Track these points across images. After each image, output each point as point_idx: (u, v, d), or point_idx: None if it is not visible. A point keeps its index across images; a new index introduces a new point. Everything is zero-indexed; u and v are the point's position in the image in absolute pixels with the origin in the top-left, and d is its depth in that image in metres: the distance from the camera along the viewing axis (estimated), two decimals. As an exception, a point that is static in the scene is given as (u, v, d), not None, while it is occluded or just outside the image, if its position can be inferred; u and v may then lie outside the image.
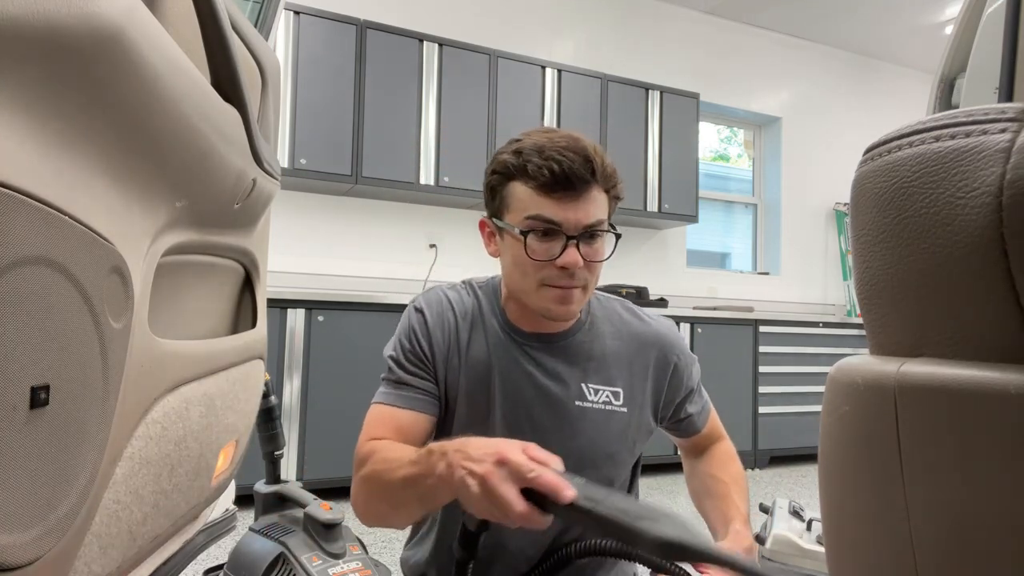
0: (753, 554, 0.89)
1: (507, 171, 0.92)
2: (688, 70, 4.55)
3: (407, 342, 0.99)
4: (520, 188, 0.91)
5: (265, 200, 1.06)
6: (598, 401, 1.01)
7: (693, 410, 1.10)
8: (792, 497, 2.46)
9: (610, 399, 1.01)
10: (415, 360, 0.98)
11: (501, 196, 0.94)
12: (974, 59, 1.31)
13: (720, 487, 1.04)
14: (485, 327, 1.01)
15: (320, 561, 1.27)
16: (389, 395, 0.97)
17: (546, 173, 0.88)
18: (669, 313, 3.63)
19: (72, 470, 0.57)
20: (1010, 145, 0.35)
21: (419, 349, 0.98)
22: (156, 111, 0.63)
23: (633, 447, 1.04)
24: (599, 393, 1.01)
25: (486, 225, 0.99)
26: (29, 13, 0.45)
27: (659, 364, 1.06)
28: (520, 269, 0.93)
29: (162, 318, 0.81)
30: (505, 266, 0.97)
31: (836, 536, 0.49)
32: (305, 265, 3.44)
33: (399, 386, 0.98)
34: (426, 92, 3.40)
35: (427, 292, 1.05)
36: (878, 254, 0.43)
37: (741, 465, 1.10)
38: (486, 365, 0.99)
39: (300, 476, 2.77)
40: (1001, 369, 0.35)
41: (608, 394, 1.02)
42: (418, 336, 0.99)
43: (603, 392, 1.01)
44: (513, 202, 0.92)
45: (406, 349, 0.99)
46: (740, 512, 0.98)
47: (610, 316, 1.07)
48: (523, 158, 0.90)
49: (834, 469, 0.48)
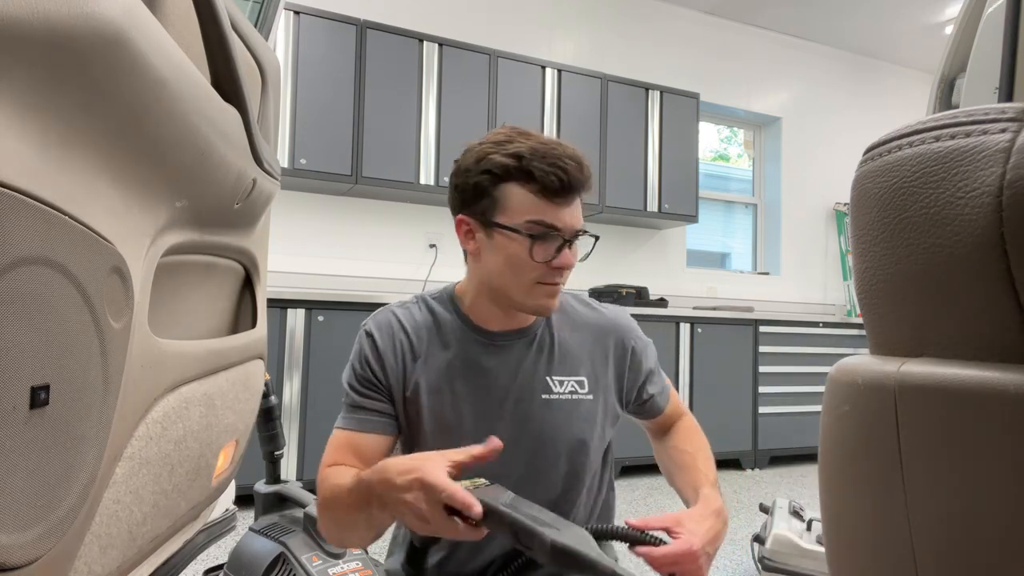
0: (724, 516, 0.93)
1: (504, 173, 0.94)
2: (688, 70, 4.55)
3: (359, 367, 1.03)
4: (517, 191, 0.93)
5: (265, 200, 1.06)
6: (564, 392, 1.05)
7: (654, 391, 1.14)
8: (792, 497, 2.46)
9: (575, 388, 1.06)
10: (368, 384, 1.02)
11: (493, 197, 0.95)
12: (974, 59, 1.31)
13: (686, 458, 1.08)
14: (443, 335, 1.04)
15: (320, 561, 1.27)
16: (347, 419, 1.01)
17: (554, 180, 0.91)
18: (669, 313, 3.63)
19: (72, 470, 0.57)
20: (1010, 145, 0.35)
21: (370, 373, 1.02)
22: (156, 111, 0.63)
23: (603, 433, 1.09)
24: (564, 384, 1.05)
25: (464, 223, 1.00)
26: (29, 13, 0.45)
27: (618, 350, 1.10)
28: (515, 269, 0.96)
29: (162, 318, 0.81)
30: (492, 264, 0.98)
31: (836, 536, 0.49)
32: (305, 265, 3.44)
33: (355, 410, 1.01)
34: (426, 92, 3.40)
35: (377, 315, 1.08)
36: (878, 254, 0.43)
37: (704, 437, 1.14)
38: (448, 372, 1.02)
39: (300, 476, 2.77)
40: (1001, 369, 0.35)
41: (573, 384, 1.06)
42: (369, 360, 1.02)
43: (568, 382, 1.06)
44: (511, 204, 0.94)
45: (359, 374, 1.02)
46: (708, 478, 1.02)
47: (566, 309, 1.11)
48: (525, 163, 0.92)
49: (834, 469, 0.48)
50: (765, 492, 3.23)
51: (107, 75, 0.55)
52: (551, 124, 3.71)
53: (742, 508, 2.93)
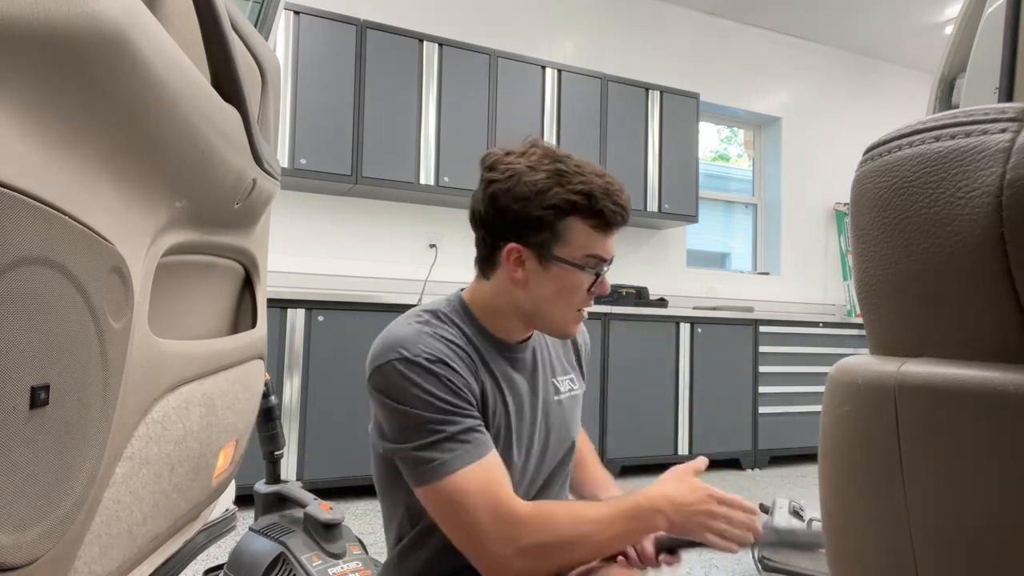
0: None
1: (570, 209, 0.94)
2: (688, 70, 4.55)
3: (443, 392, 0.92)
4: (580, 225, 0.95)
5: (265, 200, 1.06)
6: (566, 391, 1.10)
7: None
8: (792, 497, 2.46)
9: (571, 385, 1.12)
10: (460, 407, 0.93)
11: (555, 230, 0.95)
12: (974, 59, 1.31)
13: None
14: (479, 349, 1.01)
15: (320, 561, 1.27)
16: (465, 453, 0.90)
17: (619, 219, 0.96)
18: (669, 313, 3.63)
19: (72, 470, 0.57)
20: (1010, 145, 0.35)
21: (459, 393, 0.93)
22: (156, 111, 0.63)
23: None
24: (563, 382, 1.11)
25: (516, 251, 0.96)
26: (29, 13, 0.45)
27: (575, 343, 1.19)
28: (568, 298, 0.99)
29: (162, 318, 0.81)
30: (543, 292, 0.97)
31: (836, 536, 0.49)
32: (305, 265, 3.44)
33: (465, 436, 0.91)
34: (426, 92, 3.40)
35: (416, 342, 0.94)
36: (878, 254, 0.43)
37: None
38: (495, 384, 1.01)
39: (300, 476, 2.77)
40: (1001, 369, 0.35)
41: (568, 381, 1.12)
42: (453, 381, 0.93)
43: (565, 380, 1.11)
44: (573, 238, 0.95)
45: (448, 400, 0.92)
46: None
47: None
48: (595, 202, 0.94)
49: (834, 469, 0.48)
50: (765, 492, 3.23)
51: (107, 75, 0.55)
52: (551, 124, 3.70)
53: (742, 508, 2.93)
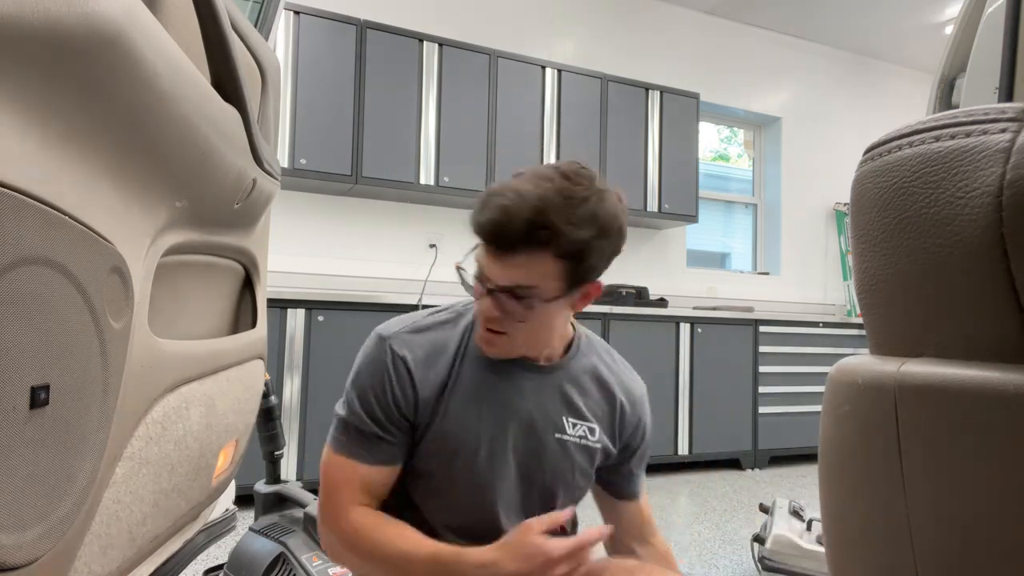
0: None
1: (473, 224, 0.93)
2: (688, 70, 4.55)
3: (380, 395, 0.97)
4: None
5: (265, 200, 1.06)
6: (575, 435, 1.04)
7: (637, 471, 1.13)
8: (792, 497, 2.46)
9: (586, 434, 1.05)
10: (389, 418, 0.97)
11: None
12: (974, 59, 1.31)
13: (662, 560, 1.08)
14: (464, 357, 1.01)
15: (320, 561, 1.27)
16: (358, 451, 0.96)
17: (485, 232, 0.89)
18: (669, 313, 3.63)
19: (72, 470, 0.57)
20: (1010, 145, 0.35)
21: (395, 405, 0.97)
22: (156, 111, 0.63)
23: (592, 482, 1.09)
24: (577, 427, 1.04)
25: None
26: (29, 13, 0.45)
27: (630, 414, 1.10)
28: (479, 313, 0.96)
29: (162, 318, 0.81)
30: None
31: (836, 536, 0.49)
32: (305, 265, 3.43)
33: (369, 440, 0.96)
34: (426, 92, 3.40)
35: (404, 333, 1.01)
36: (878, 254, 0.43)
37: None
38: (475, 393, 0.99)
39: (300, 476, 2.77)
40: (1001, 369, 0.35)
41: (585, 429, 1.05)
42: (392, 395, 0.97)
43: (581, 426, 1.04)
44: (477, 254, 0.94)
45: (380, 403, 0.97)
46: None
47: (590, 355, 1.10)
48: (477, 206, 0.90)
49: (834, 469, 0.48)
50: (765, 492, 3.23)
51: (107, 75, 0.55)
52: (551, 124, 3.70)
53: (742, 508, 2.93)
